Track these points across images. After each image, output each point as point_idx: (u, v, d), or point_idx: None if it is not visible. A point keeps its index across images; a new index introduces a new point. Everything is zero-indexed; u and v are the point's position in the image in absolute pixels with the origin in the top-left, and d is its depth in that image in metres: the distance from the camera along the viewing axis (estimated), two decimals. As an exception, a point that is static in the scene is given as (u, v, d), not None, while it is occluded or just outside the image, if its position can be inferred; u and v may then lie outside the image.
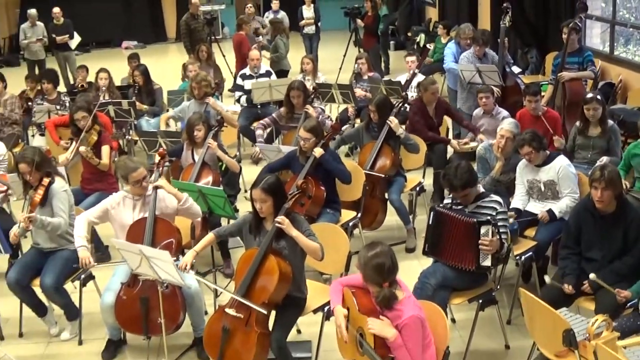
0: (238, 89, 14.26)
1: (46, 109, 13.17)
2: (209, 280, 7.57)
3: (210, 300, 8.32)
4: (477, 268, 7.14)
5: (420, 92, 11.07)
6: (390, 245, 6.22)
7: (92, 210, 8.01)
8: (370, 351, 5.75)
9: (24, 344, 8.44)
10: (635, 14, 15.10)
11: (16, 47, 25.62)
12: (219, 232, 7.46)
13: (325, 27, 20.72)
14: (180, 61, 17.32)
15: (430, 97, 10.97)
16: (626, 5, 15.18)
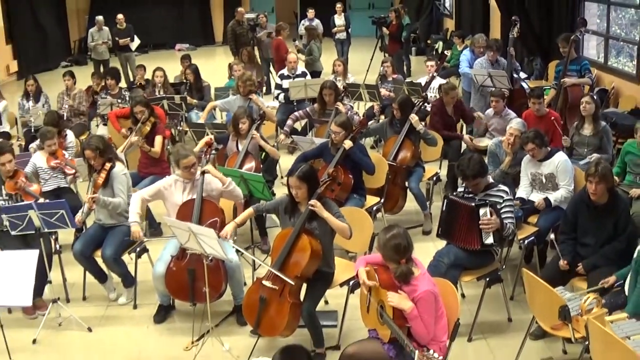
0: (277, 88, 14.23)
1: (109, 102, 13.22)
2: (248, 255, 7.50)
3: (248, 273, 8.33)
4: (482, 246, 7.18)
5: (442, 95, 11.03)
6: (408, 228, 6.28)
7: (147, 189, 8.08)
8: (390, 321, 5.71)
9: (87, 307, 8.50)
10: (625, 30, 15.14)
11: (84, 48, 25.73)
12: (258, 207, 7.45)
13: (355, 33, 20.68)
14: (226, 62, 17.31)
15: (450, 100, 10.98)
16: (618, 22, 15.19)
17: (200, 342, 7.47)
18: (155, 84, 13.85)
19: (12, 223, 7.90)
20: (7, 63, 23.45)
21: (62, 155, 9.73)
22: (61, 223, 7.86)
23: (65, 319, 8.12)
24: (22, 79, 18.86)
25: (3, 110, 13.50)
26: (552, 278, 6.85)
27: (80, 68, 22.82)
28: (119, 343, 7.72)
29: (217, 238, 6.82)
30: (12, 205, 8.16)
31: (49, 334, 7.94)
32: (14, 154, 8.63)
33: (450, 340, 5.94)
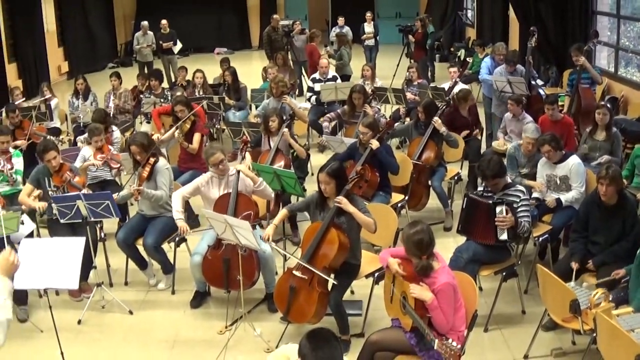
0: (309, 90, 14.21)
1: (152, 101, 13.29)
2: (280, 247, 7.49)
3: (280, 263, 8.29)
4: (497, 242, 7.19)
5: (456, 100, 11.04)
6: (431, 225, 6.26)
7: (186, 187, 8.11)
8: (412, 312, 5.69)
9: (128, 291, 8.55)
10: (634, 42, 15.10)
11: (130, 51, 25.90)
12: (291, 207, 7.48)
13: (383, 41, 20.57)
14: (261, 65, 17.34)
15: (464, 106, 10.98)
16: (627, 35, 15.16)
17: (233, 326, 7.48)
18: (196, 85, 13.92)
19: (61, 212, 7.95)
20: (58, 64, 23.64)
21: (108, 150, 9.78)
22: (106, 213, 7.91)
23: (108, 302, 8.18)
24: (72, 78, 18.96)
25: (54, 107, 13.61)
26: (564, 273, 6.86)
27: (125, 69, 22.94)
28: (158, 325, 7.75)
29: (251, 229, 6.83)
30: (62, 195, 8.20)
31: (93, 315, 8.00)
32: (58, 150, 8.69)
33: (468, 330, 5.91)
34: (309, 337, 4.23)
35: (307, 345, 4.21)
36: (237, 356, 7.05)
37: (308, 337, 4.23)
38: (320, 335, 4.28)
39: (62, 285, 6.45)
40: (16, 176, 9.78)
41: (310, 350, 4.18)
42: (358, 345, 6.58)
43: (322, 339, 4.26)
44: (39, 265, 6.32)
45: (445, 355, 5.27)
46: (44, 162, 8.52)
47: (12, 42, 20.17)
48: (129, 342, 7.46)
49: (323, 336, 4.29)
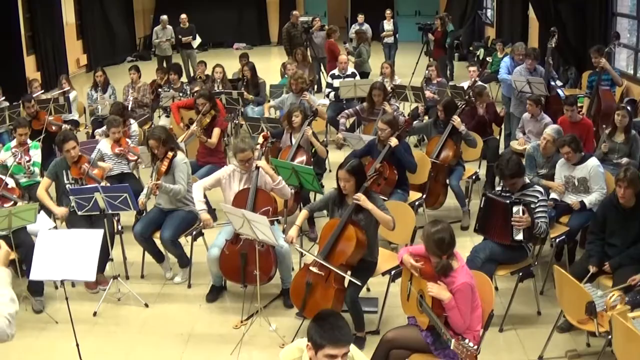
0: (328, 86, 14.22)
1: (171, 95, 13.34)
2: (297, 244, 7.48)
3: (296, 259, 8.30)
4: (512, 241, 7.17)
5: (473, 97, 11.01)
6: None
7: (207, 179, 8.12)
8: (428, 310, 5.69)
9: (144, 284, 8.58)
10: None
11: (149, 45, 25.99)
12: (311, 207, 7.50)
13: (402, 39, 20.56)
14: (280, 61, 17.32)
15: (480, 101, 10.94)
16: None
17: (248, 321, 7.50)
18: (215, 80, 13.97)
19: (79, 204, 7.99)
20: (77, 57, 23.75)
21: (126, 143, 9.82)
22: (124, 205, 7.94)
23: (124, 294, 8.22)
24: (91, 71, 19.06)
25: (73, 100, 13.65)
26: (580, 275, 6.84)
27: (144, 63, 22.98)
28: (173, 319, 7.77)
29: (270, 225, 6.85)
30: (80, 187, 8.23)
31: (109, 307, 8.04)
32: (77, 141, 8.73)
33: (484, 329, 5.90)
34: (313, 318, 4.29)
35: (312, 324, 4.28)
36: (252, 351, 7.06)
37: (313, 319, 4.29)
38: (322, 312, 4.37)
39: (79, 277, 6.48)
40: (34, 168, 9.84)
41: (315, 326, 4.24)
42: (373, 342, 6.59)
43: (325, 314, 4.34)
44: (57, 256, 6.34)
45: (461, 356, 5.26)
46: (62, 152, 8.56)
47: (30, 34, 20.28)
48: (145, 335, 7.48)
49: (325, 312, 4.38)
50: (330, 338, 4.14)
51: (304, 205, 9.02)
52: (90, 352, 6.78)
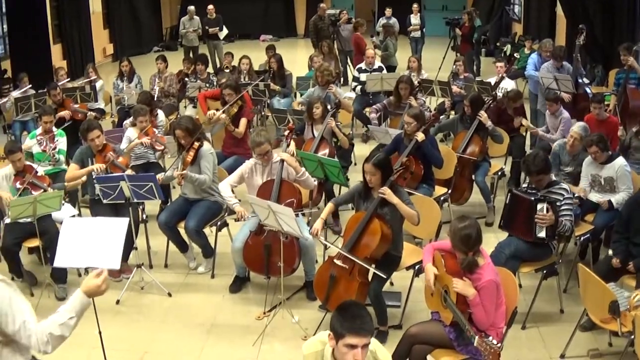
0: (354, 80, 14.21)
1: (198, 86, 13.40)
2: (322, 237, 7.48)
3: (320, 252, 8.30)
4: (534, 239, 7.15)
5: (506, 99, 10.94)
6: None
7: (231, 176, 8.12)
8: (453, 306, 5.68)
9: (168, 273, 8.63)
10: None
11: (175, 35, 26.07)
12: (337, 201, 7.49)
13: (429, 33, 20.51)
14: (306, 54, 17.38)
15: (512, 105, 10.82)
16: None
17: (271, 313, 7.53)
18: (241, 71, 14.00)
19: (104, 192, 8.02)
20: (103, 46, 23.90)
21: (153, 132, 9.85)
22: (149, 195, 7.96)
23: (147, 283, 8.27)
24: (117, 61, 19.12)
25: (99, 89, 13.72)
26: (604, 274, 6.73)
27: (170, 53, 23.01)
28: (196, 309, 7.81)
29: (294, 217, 6.85)
30: (106, 175, 8.28)
31: (132, 296, 8.09)
32: (102, 130, 8.76)
33: (507, 327, 5.89)
34: (336, 309, 4.32)
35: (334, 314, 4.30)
36: (274, 343, 7.09)
37: (335, 309, 4.32)
38: (345, 303, 4.40)
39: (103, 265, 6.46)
40: (59, 155, 9.90)
41: (337, 316, 4.25)
42: (395, 336, 6.61)
43: (347, 304, 4.37)
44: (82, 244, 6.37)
45: (484, 353, 5.24)
46: (87, 141, 8.60)
47: (57, 23, 20.44)
48: (167, 324, 7.52)
49: (348, 302, 4.41)
50: (350, 327, 4.13)
51: (328, 197, 9.05)
52: (112, 339, 6.82)
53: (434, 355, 5.91)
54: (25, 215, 7.75)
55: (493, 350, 5.20)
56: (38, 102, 12.25)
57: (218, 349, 7.06)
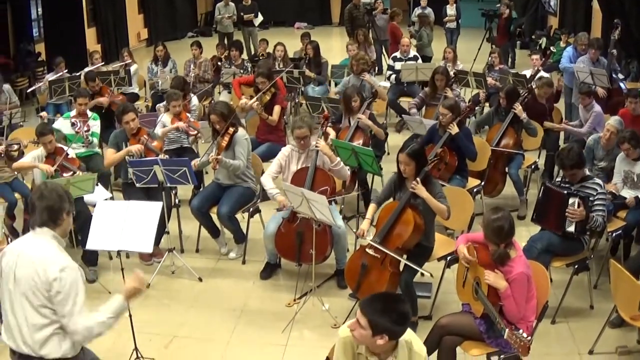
0: (389, 69, 14.19)
1: (232, 72, 13.42)
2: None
3: (352, 240, 8.33)
4: (563, 233, 7.15)
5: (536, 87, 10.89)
6: None
7: (271, 168, 8.14)
8: (484, 298, 5.68)
9: (199, 258, 8.72)
10: None
11: (210, 21, 26.15)
12: (378, 199, 7.45)
13: (464, 24, 20.37)
14: (340, 42, 17.42)
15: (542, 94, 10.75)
16: None
17: (302, 300, 7.58)
18: (276, 58, 14.01)
19: (138, 176, 8.09)
20: (138, 30, 24.03)
21: (186, 117, 9.90)
22: (183, 179, 8.02)
23: (178, 267, 8.35)
24: (151, 45, 19.21)
25: (134, 73, 13.79)
26: (635, 271, 6.69)
27: (205, 39, 23.01)
28: (226, 294, 7.88)
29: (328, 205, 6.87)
30: (140, 159, 8.34)
31: (162, 280, 8.18)
32: (137, 113, 8.83)
33: (537, 320, 5.88)
34: (372, 294, 4.48)
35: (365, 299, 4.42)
36: (303, 330, 7.15)
37: (372, 294, 4.48)
38: (383, 293, 4.49)
39: (136, 248, 6.58)
40: (92, 138, 9.96)
41: (367, 302, 4.38)
42: (425, 327, 6.63)
43: (385, 295, 4.49)
44: (115, 227, 6.44)
45: (514, 346, 5.25)
46: (122, 124, 8.67)
47: (92, 7, 20.61)
48: (197, 309, 7.60)
49: (385, 293, 4.50)
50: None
51: (361, 186, 9.08)
52: (142, 323, 6.86)
53: (463, 347, 5.93)
54: (58, 197, 7.83)
55: (523, 343, 5.21)
56: (72, 85, 12.35)
57: (247, 334, 7.12)
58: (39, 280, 4.36)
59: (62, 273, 4.36)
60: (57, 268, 4.36)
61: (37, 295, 4.38)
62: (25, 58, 17.49)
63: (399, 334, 4.41)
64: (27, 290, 4.38)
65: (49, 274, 4.34)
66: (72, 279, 4.41)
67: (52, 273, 4.35)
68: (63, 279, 4.37)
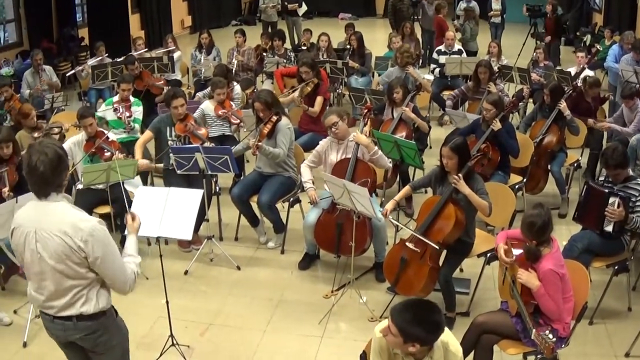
0: (433, 62, 14.13)
1: (275, 61, 13.41)
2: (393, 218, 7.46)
3: (391, 234, 8.31)
4: (600, 232, 7.07)
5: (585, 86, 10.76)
6: None
7: (310, 157, 8.18)
8: (517, 296, 5.66)
9: (238, 246, 8.75)
10: None
11: (254, 10, 26.20)
12: (414, 184, 7.49)
13: (509, 19, 20.20)
14: (384, 34, 17.33)
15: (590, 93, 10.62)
16: None
17: (339, 292, 7.56)
18: (320, 48, 13.98)
19: (179, 163, 8.12)
20: (182, 18, 24.12)
21: (230, 106, 9.93)
22: (224, 167, 8.03)
23: (216, 255, 8.39)
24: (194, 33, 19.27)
25: (177, 60, 13.89)
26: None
27: (248, 28, 23.07)
28: (264, 283, 7.91)
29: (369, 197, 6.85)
30: (181, 146, 8.38)
31: (200, 267, 8.23)
32: (186, 99, 8.89)
33: (576, 321, 5.82)
34: (404, 301, 4.42)
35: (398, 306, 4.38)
36: (340, 322, 7.14)
37: (404, 301, 4.42)
38: (413, 300, 4.46)
39: (176, 235, 6.59)
40: (134, 124, 10.03)
41: (397, 311, 4.34)
42: (462, 323, 6.63)
43: (417, 304, 4.43)
44: (155, 213, 6.46)
45: (540, 347, 5.21)
46: (170, 108, 8.71)
47: (136, -7, 20.72)
48: (234, 297, 7.63)
49: (417, 301, 4.48)
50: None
51: (403, 179, 9.05)
52: (178, 309, 6.96)
53: (500, 345, 5.89)
54: (99, 181, 7.91)
55: (548, 344, 5.15)
56: (115, 71, 12.46)
57: (284, 324, 7.13)
58: (69, 249, 4.31)
59: (92, 237, 4.32)
60: (85, 234, 4.31)
61: (69, 263, 4.36)
62: (68, 42, 17.66)
63: (431, 342, 4.42)
64: (57, 261, 4.34)
65: (78, 241, 4.30)
66: (102, 237, 4.39)
67: (82, 240, 4.31)
68: (95, 243, 4.34)
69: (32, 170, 4.30)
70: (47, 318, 4.61)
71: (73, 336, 4.61)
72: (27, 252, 4.41)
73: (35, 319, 6.99)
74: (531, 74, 12.60)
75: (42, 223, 4.34)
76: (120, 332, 4.88)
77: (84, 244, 4.31)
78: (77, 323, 4.53)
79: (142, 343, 6.62)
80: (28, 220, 4.40)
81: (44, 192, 4.38)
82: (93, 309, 4.51)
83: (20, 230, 4.43)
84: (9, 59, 16.01)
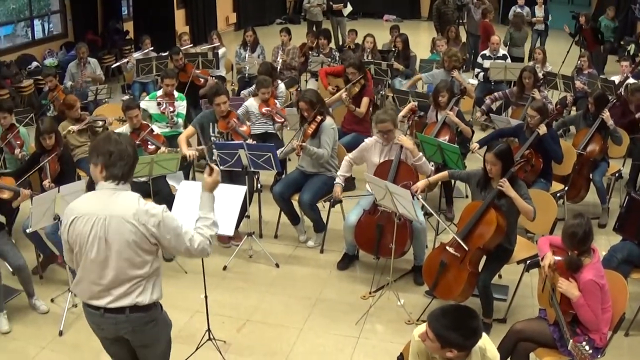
0: (477, 67, 14.09)
1: (320, 60, 13.46)
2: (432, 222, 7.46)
3: (431, 237, 8.30)
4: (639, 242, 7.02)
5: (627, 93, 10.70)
6: None
7: (353, 153, 8.19)
8: (556, 305, 5.65)
9: (277, 244, 8.80)
10: None
11: (299, 9, 26.19)
12: (452, 173, 7.55)
13: (555, 26, 20.06)
14: (428, 37, 17.29)
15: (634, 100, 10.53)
16: None
17: (377, 293, 7.57)
18: (365, 49, 13.99)
19: (222, 159, 8.20)
20: (227, 14, 24.21)
21: (274, 104, 9.97)
22: (267, 165, 8.10)
23: (256, 252, 8.45)
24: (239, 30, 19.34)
25: (222, 56, 13.97)
26: None
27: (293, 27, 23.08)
28: (302, 282, 7.95)
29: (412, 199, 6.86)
30: (226, 142, 8.43)
31: (239, 263, 8.30)
32: (229, 96, 8.95)
33: (613, 332, 5.80)
34: (441, 307, 4.43)
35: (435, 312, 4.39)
36: (377, 324, 7.15)
37: (441, 307, 4.44)
38: (451, 306, 4.50)
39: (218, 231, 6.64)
40: (177, 119, 10.12)
41: (434, 317, 4.36)
42: (498, 330, 6.61)
43: (454, 309, 4.45)
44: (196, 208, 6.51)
45: (577, 357, 5.21)
46: (213, 104, 8.77)
47: (182, -12, 20.85)
48: (272, 294, 7.68)
49: (455, 307, 4.51)
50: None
51: (444, 184, 9.07)
52: (216, 305, 7.04)
53: (537, 353, 5.88)
54: (142, 174, 7.98)
55: (584, 356, 5.15)
56: (159, 65, 12.57)
57: (321, 323, 7.16)
58: (141, 235, 4.39)
59: (163, 222, 4.42)
60: (157, 219, 4.41)
61: (137, 251, 4.43)
62: (113, 35, 17.84)
63: (468, 347, 4.41)
64: (126, 248, 4.39)
65: (151, 227, 4.39)
66: (168, 218, 4.48)
67: (154, 225, 4.40)
68: (164, 225, 4.43)
69: (123, 154, 4.44)
70: (96, 313, 4.61)
71: (124, 330, 4.63)
72: (91, 240, 4.43)
73: (72, 308, 7.10)
74: (575, 82, 12.53)
75: (114, 210, 4.40)
76: (166, 325, 4.94)
77: (156, 229, 4.40)
78: (130, 315, 4.56)
79: (179, 336, 6.67)
80: (96, 208, 4.44)
81: (128, 177, 4.53)
82: (148, 299, 4.56)
83: (85, 218, 4.44)
84: (53, 50, 16.22)
